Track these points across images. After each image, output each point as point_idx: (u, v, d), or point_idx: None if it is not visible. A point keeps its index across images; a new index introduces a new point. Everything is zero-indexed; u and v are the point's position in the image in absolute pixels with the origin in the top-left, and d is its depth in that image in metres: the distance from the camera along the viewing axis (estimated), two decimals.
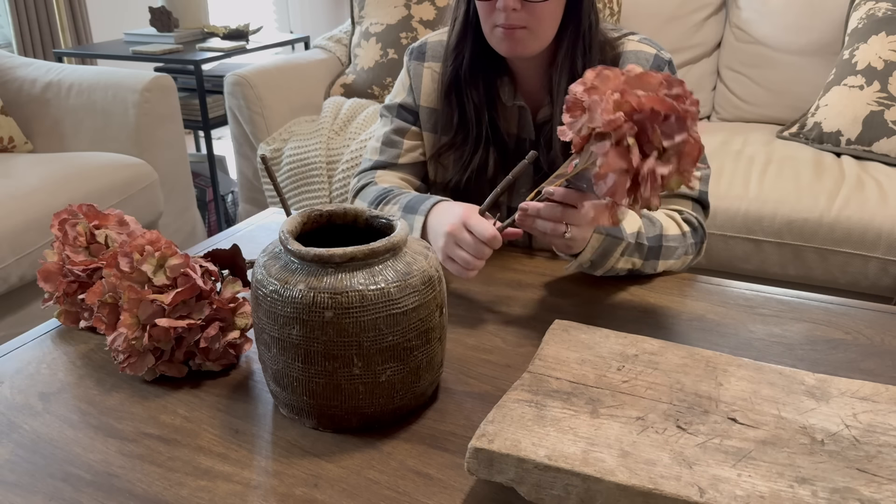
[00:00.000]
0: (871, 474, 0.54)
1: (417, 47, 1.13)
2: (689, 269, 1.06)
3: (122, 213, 0.92)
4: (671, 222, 0.99)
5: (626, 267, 0.95)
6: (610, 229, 0.90)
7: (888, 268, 1.78)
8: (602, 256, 0.92)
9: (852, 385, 0.65)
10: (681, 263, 1.01)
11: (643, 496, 0.52)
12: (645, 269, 0.97)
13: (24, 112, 2.40)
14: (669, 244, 0.97)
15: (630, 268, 0.96)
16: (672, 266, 0.99)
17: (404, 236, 0.68)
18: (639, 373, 0.67)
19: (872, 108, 2.03)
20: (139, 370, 0.76)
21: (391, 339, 0.65)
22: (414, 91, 1.12)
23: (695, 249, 1.02)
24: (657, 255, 0.96)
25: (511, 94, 1.06)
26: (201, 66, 2.84)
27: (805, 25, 2.34)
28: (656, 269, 0.98)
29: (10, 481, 0.64)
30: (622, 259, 0.93)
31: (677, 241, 0.98)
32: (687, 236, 1.00)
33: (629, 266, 0.95)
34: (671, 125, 0.70)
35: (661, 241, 0.97)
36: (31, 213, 1.86)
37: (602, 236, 0.90)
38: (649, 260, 0.96)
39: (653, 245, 0.95)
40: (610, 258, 0.92)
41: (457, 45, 1.04)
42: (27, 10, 3.18)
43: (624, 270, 0.96)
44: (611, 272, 0.95)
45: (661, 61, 1.02)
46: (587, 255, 0.91)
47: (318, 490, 0.62)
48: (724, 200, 1.90)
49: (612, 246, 0.91)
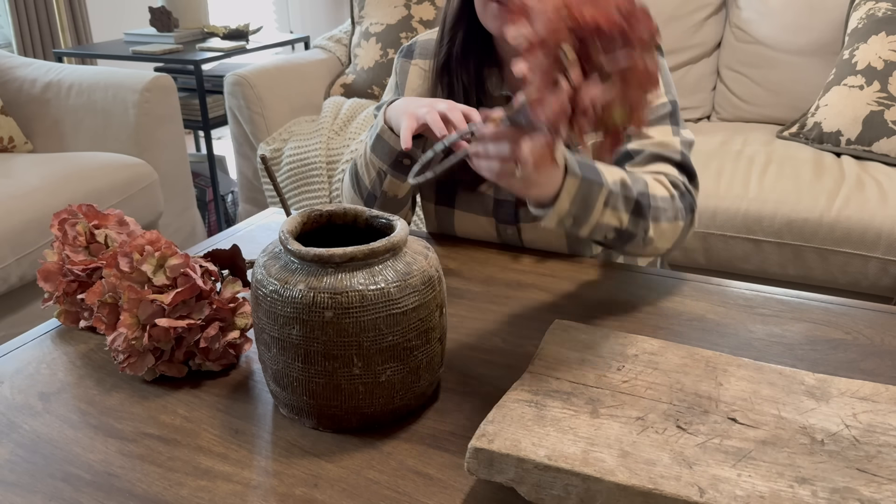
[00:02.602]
0: (871, 474, 0.54)
1: (407, 46, 1.15)
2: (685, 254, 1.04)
3: (122, 213, 0.92)
4: (657, 184, 0.94)
5: (612, 224, 0.88)
6: (587, 172, 0.84)
7: (888, 268, 1.78)
8: (583, 207, 0.85)
9: (852, 385, 0.65)
10: (673, 231, 0.94)
11: (643, 496, 0.52)
12: (635, 231, 0.90)
13: (24, 112, 2.40)
14: (658, 204, 0.91)
15: (618, 226, 0.88)
16: (665, 232, 0.93)
17: (404, 236, 0.68)
18: (639, 373, 0.67)
19: (872, 108, 2.03)
20: (139, 370, 0.76)
21: (391, 339, 0.65)
22: (399, 87, 1.14)
23: (685, 216, 0.96)
24: (645, 213, 0.90)
25: (498, 84, 1.06)
26: (201, 66, 2.84)
27: (805, 25, 2.34)
28: (648, 233, 0.91)
29: (10, 481, 0.64)
30: (607, 212, 0.87)
31: (666, 202, 0.92)
32: (675, 199, 0.94)
33: (616, 223, 0.88)
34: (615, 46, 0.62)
35: (650, 200, 0.90)
36: (30, 213, 1.86)
37: (578, 179, 0.83)
38: (638, 218, 0.89)
39: (640, 200, 0.89)
40: (592, 210, 0.85)
41: (452, 26, 1.04)
42: (27, 10, 3.18)
43: (612, 230, 0.89)
44: (597, 232, 0.88)
45: None
46: (565, 202, 0.83)
47: (318, 490, 0.62)
48: (724, 200, 1.90)
49: (592, 192, 0.84)
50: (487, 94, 1.07)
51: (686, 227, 0.97)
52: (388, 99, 1.14)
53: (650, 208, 0.90)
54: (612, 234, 0.90)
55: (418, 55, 1.12)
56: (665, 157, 0.98)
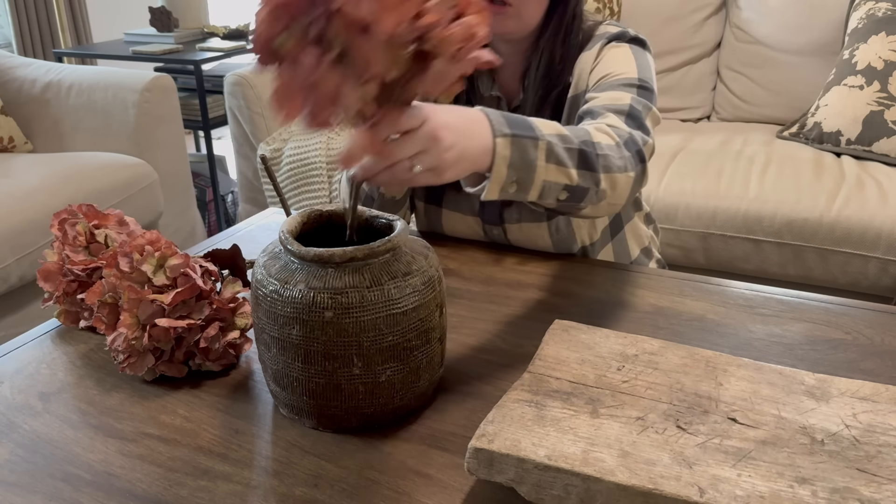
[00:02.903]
0: (871, 474, 0.54)
1: None
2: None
3: (122, 213, 0.92)
4: (599, 132, 0.85)
5: (561, 182, 0.78)
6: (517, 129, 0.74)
7: (888, 268, 1.78)
8: (523, 167, 0.75)
9: (852, 385, 0.65)
10: (626, 182, 0.85)
11: (643, 496, 0.52)
12: (587, 185, 0.80)
13: (23, 112, 2.40)
14: (605, 152, 0.82)
15: (567, 182, 0.79)
16: (618, 183, 0.84)
17: (404, 236, 0.68)
18: (639, 373, 0.67)
19: (872, 108, 2.03)
20: (139, 370, 0.76)
21: (391, 339, 0.65)
22: None
23: (636, 165, 0.86)
24: (593, 165, 0.80)
25: (489, 85, 1.06)
26: (201, 66, 2.83)
27: (805, 25, 2.34)
28: (600, 185, 0.81)
29: (9, 481, 0.64)
30: (552, 168, 0.77)
31: (612, 149, 0.83)
32: (621, 147, 0.85)
33: (565, 180, 0.78)
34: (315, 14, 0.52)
35: (595, 149, 0.81)
36: (30, 213, 1.86)
37: (509, 138, 0.73)
38: (586, 171, 0.80)
39: (585, 149, 0.80)
40: (535, 168, 0.76)
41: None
42: (27, 10, 3.18)
43: (562, 189, 0.79)
44: (547, 194, 0.78)
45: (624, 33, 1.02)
46: (501, 168, 0.73)
47: (318, 490, 0.62)
48: (724, 200, 1.90)
49: (528, 149, 0.75)
50: (478, 94, 1.07)
51: (638, 178, 0.87)
52: None
53: (598, 157, 0.81)
54: (563, 194, 0.80)
55: None
56: (613, 109, 0.92)
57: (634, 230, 1.14)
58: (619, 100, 0.93)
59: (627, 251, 1.13)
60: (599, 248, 1.10)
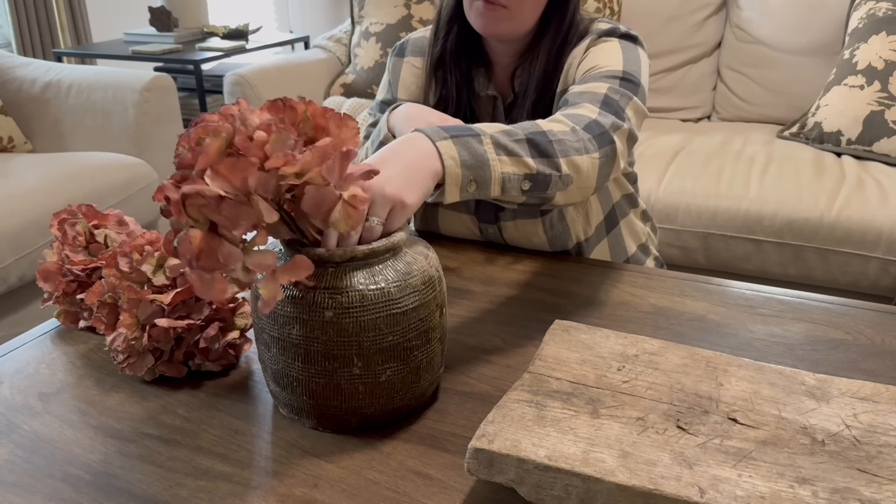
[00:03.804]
0: (871, 474, 0.54)
1: (399, 44, 1.15)
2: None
3: (122, 213, 0.92)
4: (551, 122, 0.84)
5: (521, 172, 0.78)
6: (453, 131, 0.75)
7: (888, 268, 1.78)
8: (476, 164, 0.75)
9: (853, 385, 0.65)
10: (591, 165, 0.84)
11: (643, 496, 0.52)
12: (548, 171, 0.80)
13: (23, 112, 2.40)
14: (558, 138, 0.81)
15: (528, 172, 0.78)
16: (581, 167, 0.83)
17: (404, 236, 0.68)
18: (639, 373, 0.67)
19: (873, 108, 2.03)
20: (139, 370, 0.76)
21: (391, 339, 0.65)
22: (392, 85, 1.14)
23: (599, 147, 0.85)
24: (547, 151, 0.80)
25: (485, 84, 1.06)
26: (201, 65, 2.84)
27: (805, 25, 2.34)
28: (562, 170, 0.81)
29: (9, 481, 0.64)
30: (505, 160, 0.77)
31: (566, 135, 0.82)
32: (577, 131, 0.84)
33: (525, 170, 0.78)
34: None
35: (547, 136, 0.80)
36: (30, 213, 1.86)
37: (447, 140, 0.74)
38: (542, 157, 0.80)
39: (534, 138, 0.79)
40: (487, 163, 0.76)
41: (447, 21, 1.05)
42: (27, 10, 3.18)
43: (524, 179, 0.79)
44: (510, 186, 0.78)
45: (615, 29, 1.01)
46: (453, 167, 0.73)
47: (318, 490, 0.62)
48: (725, 200, 1.90)
49: (473, 145, 0.75)
50: (475, 93, 1.07)
51: (606, 160, 0.87)
52: (382, 98, 1.15)
53: (550, 143, 0.81)
54: (525, 183, 0.79)
55: (410, 53, 1.13)
56: (587, 98, 0.90)
57: (630, 226, 1.14)
58: (595, 89, 0.92)
59: (624, 247, 1.13)
60: (594, 243, 1.10)
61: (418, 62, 1.11)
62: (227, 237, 0.57)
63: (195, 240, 0.56)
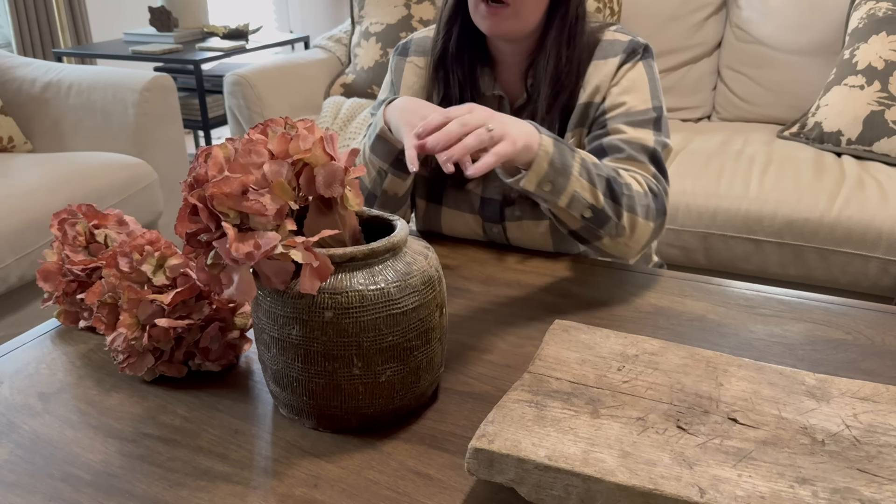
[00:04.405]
0: (871, 474, 0.54)
1: (402, 44, 1.15)
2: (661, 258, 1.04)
3: (122, 213, 0.92)
4: (630, 178, 0.94)
5: (586, 198, 0.87)
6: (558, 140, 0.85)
7: (889, 268, 1.78)
8: (561, 170, 0.84)
9: (853, 385, 0.65)
10: (645, 229, 0.93)
11: (643, 496, 0.52)
12: (610, 213, 0.89)
13: (23, 112, 2.40)
14: (632, 193, 0.91)
15: (593, 203, 0.88)
16: (638, 227, 0.92)
17: (404, 236, 0.68)
18: (639, 373, 0.67)
19: (873, 108, 2.03)
20: (139, 370, 0.76)
21: (391, 339, 0.65)
22: (394, 85, 1.14)
23: (657, 217, 0.95)
24: (618, 197, 0.89)
25: (490, 84, 1.06)
26: (201, 65, 2.84)
27: (805, 25, 2.34)
28: (621, 220, 0.90)
29: (9, 481, 0.64)
30: (583, 182, 0.87)
31: (640, 196, 0.92)
32: (649, 197, 0.94)
33: (590, 199, 0.88)
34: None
35: (622, 187, 0.90)
36: (30, 213, 1.86)
37: (552, 140, 0.84)
38: (611, 200, 0.89)
39: (612, 182, 0.89)
40: (569, 175, 0.85)
41: (448, 20, 1.05)
42: (27, 10, 3.18)
43: (587, 207, 0.88)
44: (575, 205, 0.88)
45: (637, 45, 1.03)
46: (543, 163, 0.83)
47: (318, 490, 0.62)
48: (725, 200, 1.90)
49: (566, 156, 0.85)
50: (480, 92, 1.07)
51: (656, 230, 0.96)
52: (384, 98, 1.15)
53: (623, 195, 0.90)
54: (588, 212, 0.89)
55: (413, 52, 1.13)
56: (637, 156, 0.97)
57: None
58: (643, 139, 0.98)
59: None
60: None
61: (421, 62, 1.11)
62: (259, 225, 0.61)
63: (230, 232, 0.59)
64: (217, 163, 0.62)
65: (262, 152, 0.63)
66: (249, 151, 0.62)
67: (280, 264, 0.63)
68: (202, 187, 0.61)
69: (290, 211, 0.64)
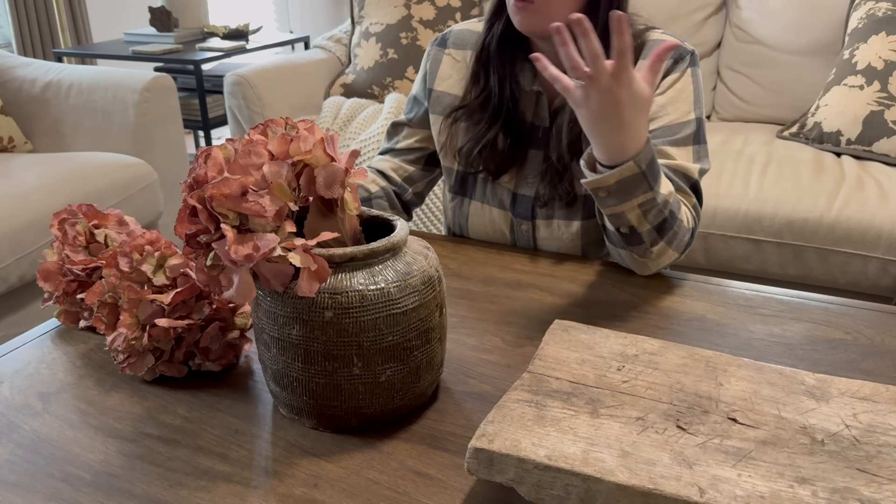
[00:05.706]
0: (871, 474, 0.54)
1: (441, 36, 1.16)
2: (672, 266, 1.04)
3: (122, 213, 0.92)
4: (686, 214, 0.96)
5: (630, 221, 0.89)
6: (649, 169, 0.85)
7: (888, 268, 1.78)
8: (624, 190, 0.86)
9: (852, 385, 0.65)
10: (671, 257, 0.96)
11: (643, 496, 0.52)
12: (645, 240, 0.91)
13: (23, 112, 2.40)
14: (678, 231, 0.93)
15: (634, 226, 0.90)
16: (666, 253, 0.94)
17: (404, 236, 0.68)
18: (639, 373, 0.67)
19: (872, 108, 2.03)
20: (139, 370, 0.76)
21: (391, 339, 0.65)
22: (428, 76, 1.14)
23: (685, 248, 0.98)
24: (665, 231, 0.91)
25: (530, 79, 1.06)
26: (201, 65, 2.84)
27: (805, 25, 2.34)
28: (653, 248, 0.93)
29: (9, 481, 0.64)
30: (637, 212, 0.88)
31: (683, 233, 0.95)
32: (689, 233, 0.97)
33: (633, 223, 0.89)
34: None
35: (675, 226, 0.92)
36: (30, 213, 1.86)
37: (639, 170, 0.84)
38: (655, 232, 0.91)
39: (669, 221, 0.91)
40: (628, 199, 0.86)
41: (491, 15, 1.06)
42: (27, 10, 3.18)
43: (628, 226, 0.90)
44: (618, 219, 0.89)
45: (684, 51, 1.03)
46: (612, 179, 0.84)
47: (318, 490, 0.62)
48: (724, 200, 1.90)
49: (638, 186, 0.85)
50: (520, 87, 1.07)
51: (678, 258, 0.98)
52: (415, 93, 1.16)
53: (670, 231, 0.92)
54: (626, 229, 0.91)
55: (452, 45, 1.13)
56: (683, 187, 1.00)
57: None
58: (687, 170, 1.00)
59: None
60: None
61: (458, 54, 1.12)
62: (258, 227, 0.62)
63: (228, 233, 0.60)
64: (217, 164, 0.62)
65: (262, 153, 0.63)
66: (249, 152, 0.62)
67: (279, 266, 0.63)
68: (202, 188, 0.61)
69: (289, 212, 0.64)
